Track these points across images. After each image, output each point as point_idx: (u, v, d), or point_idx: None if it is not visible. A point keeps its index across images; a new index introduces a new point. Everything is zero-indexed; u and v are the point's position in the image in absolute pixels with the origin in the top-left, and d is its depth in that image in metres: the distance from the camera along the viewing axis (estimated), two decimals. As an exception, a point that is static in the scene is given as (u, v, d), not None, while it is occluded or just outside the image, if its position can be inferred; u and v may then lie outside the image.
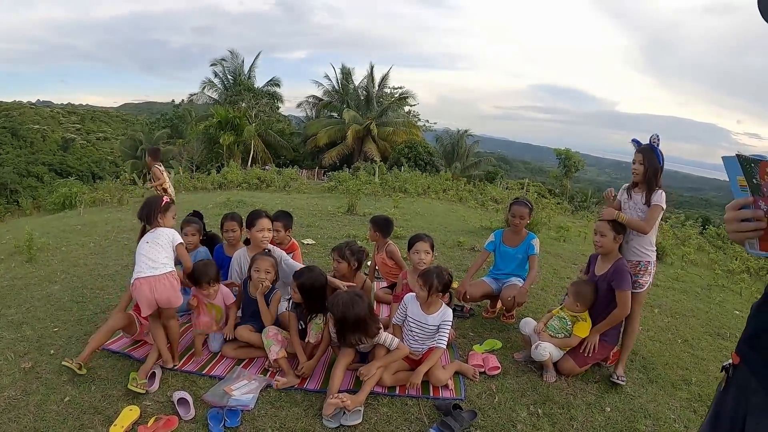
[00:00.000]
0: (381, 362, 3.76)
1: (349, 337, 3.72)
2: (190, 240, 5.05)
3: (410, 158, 34.65)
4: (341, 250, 4.91)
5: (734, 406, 1.78)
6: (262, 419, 3.44)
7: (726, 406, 1.82)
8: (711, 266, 11.11)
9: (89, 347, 3.83)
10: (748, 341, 1.74)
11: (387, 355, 3.83)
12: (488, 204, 17.44)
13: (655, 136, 4.17)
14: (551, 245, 10.29)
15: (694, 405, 4.13)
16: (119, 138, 53.39)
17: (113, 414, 3.36)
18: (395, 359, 3.89)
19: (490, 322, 5.37)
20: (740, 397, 1.75)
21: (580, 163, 40.51)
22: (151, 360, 3.82)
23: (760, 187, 1.50)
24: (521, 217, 5.26)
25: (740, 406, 1.74)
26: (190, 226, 5.12)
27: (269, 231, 4.70)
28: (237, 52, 44.46)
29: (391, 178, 22.06)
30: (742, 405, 1.73)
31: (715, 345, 5.56)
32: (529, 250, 5.28)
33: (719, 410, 1.87)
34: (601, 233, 4.26)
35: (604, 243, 4.25)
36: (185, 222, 5.19)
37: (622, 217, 4.20)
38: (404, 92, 44.71)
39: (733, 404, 1.78)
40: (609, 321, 4.28)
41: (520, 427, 3.56)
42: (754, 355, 1.70)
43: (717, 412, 1.88)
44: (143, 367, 3.74)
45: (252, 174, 21.70)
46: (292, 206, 11.96)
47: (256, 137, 37.84)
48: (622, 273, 4.20)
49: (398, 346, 3.88)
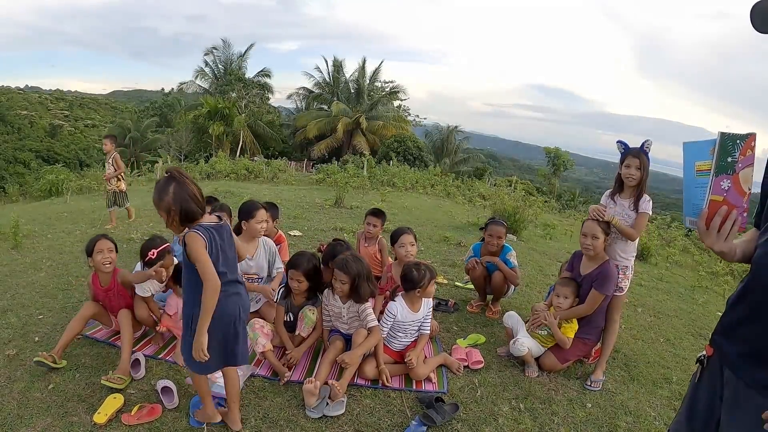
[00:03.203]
0: (360, 350, 3.80)
1: (363, 289, 3.94)
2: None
3: (399, 152, 34.65)
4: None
5: (708, 398, 1.84)
6: (245, 409, 3.45)
7: (700, 398, 1.89)
8: (695, 268, 11.20)
9: (63, 339, 3.81)
10: (723, 333, 1.80)
11: (363, 343, 3.85)
12: (476, 200, 17.48)
13: (649, 142, 4.07)
14: (537, 243, 10.35)
15: (675, 403, 4.15)
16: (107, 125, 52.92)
17: (97, 402, 3.36)
18: (371, 346, 3.92)
19: (474, 317, 5.41)
20: (713, 390, 1.82)
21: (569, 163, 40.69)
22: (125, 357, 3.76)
23: (734, 164, 1.61)
24: (498, 237, 5.28)
25: (714, 399, 1.80)
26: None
27: (266, 222, 4.70)
28: (229, 42, 44.30)
29: (379, 172, 22.09)
30: (716, 397, 1.79)
31: (697, 345, 5.61)
32: (507, 265, 5.30)
33: (694, 403, 1.93)
34: (593, 236, 4.16)
35: (596, 246, 4.17)
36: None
37: (616, 221, 4.14)
38: (395, 86, 44.66)
39: (707, 396, 1.84)
40: (573, 311, 4.33)
41: (502, 421, 3.58)
42: (729, 347, 1.75)
43: (692, 405, 1.94)
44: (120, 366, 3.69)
45: (240, 164, 21.66)
46: (280, 198, 11.97)
47: (245, 128, 37.68)
48: (609, 277, 4.19)
49: (372, 331, 3.92)
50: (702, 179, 1.67)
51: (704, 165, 1.65)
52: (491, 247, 5.32)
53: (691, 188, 1.73)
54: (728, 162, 1.61)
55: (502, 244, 5.33)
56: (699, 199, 1.70)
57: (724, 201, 1.66)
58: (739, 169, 1.62)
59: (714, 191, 1.65)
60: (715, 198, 1.66)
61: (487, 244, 5.34)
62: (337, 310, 4.12)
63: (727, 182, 1.64)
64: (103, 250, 3.96)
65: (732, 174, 1.63)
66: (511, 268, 5.25)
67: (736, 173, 1.63)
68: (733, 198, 1.65)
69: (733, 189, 1.65)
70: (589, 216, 4.28)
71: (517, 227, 10.43)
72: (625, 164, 4.12)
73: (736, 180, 1.64)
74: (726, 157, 1.60)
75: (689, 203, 1.77)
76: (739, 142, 1.59)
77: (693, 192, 1.73)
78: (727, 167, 1.61)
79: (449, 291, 6.22)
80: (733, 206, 1.65)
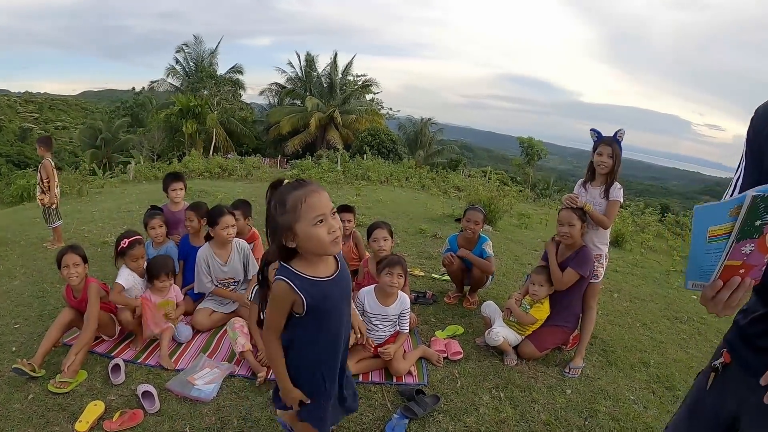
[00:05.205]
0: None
1: None
2: (158, 232, 5.11)
3: (373, 146, 34.62)
4: None
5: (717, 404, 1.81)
6: (226, 409, 3.41)
7: (707, 404, 1.85)
8: (669, 252, 11.36)
9: (42, 348, 3.73)
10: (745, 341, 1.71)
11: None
12: (451, 192, 17.54)
13: (621, 131, 4.12)
14: (512, 232, 10.41)
15: (653, 386, 4.21)
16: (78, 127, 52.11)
17: (78, 410, 3.29)
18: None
19: (452, 308, 5.41)
20: (723, 397, 1.78)
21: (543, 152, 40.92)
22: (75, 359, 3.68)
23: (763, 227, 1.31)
24: (476, 223, 5.26)
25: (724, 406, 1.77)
26: (155, 219, 5.14)
27: (233, 227, 4.65)
28: (201, 38, 43.99)
29: (353, 166, 22.07)
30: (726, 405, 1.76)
31: (674, 328, 5.68)
32: (483, 255, 5.30)
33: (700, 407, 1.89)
34: (569, 223, 4.19)
35: (573, 233, 4.20)
36: (149, 216, 5.19)
37: (589, 207, 4.18)
38: (367, 80, 44.71)
39: (716, 402, 1.81)
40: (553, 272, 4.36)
41: (483, 411, 3.59)
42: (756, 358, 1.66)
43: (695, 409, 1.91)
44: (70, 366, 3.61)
45: (214, 163, 21.52)
46: (254, 195, 11.86)
47: (218, 125, 37.39)
48: (586, 259, 4.24)
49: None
50: (715, 245, 1.38)
51: (720, 230, 1.35)
52: (469, 233, 5.29)
53: (701, 255, 1.44)
54: (756, 226, 1.31)
55: (479, 231, 5.32)
56: (709, 264, 1.41)
57: (743, 265, 1.37)
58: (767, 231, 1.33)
59: (732, 257, 1.36)
60: (732, 263, 1.37)
61: (465, 229, 5.30)
62: None
63: (750, 246, 1.34)
64: (69, 265, 3.90)
65: (758, 237, 1.33)
66: (486, 258, 5.26)
67: (764, 235, 1.33)
68: (754, 259, 1.37)
69: (757, 251, 1.35)
70: (563, 205, 4.31)
71: (492, 217, 10.47)
72: (598, 152, 4.16)
73: (762, 242, 1.34)
74: (755, 220, 1.30)
75: (695, 266, 1.47)
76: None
77: (702, 258, 1.43)
78: (753, 231, 1.32)
79: (426, 283, 6.21)
80: (752, 266, 1.38)
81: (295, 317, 2.18)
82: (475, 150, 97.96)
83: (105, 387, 3.59)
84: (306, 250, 2.10)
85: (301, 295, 2.09)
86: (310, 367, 2.31)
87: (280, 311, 2.17)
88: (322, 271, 2.17)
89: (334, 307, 2.24)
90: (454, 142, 50.72)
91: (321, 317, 2.19)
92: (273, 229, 2.11)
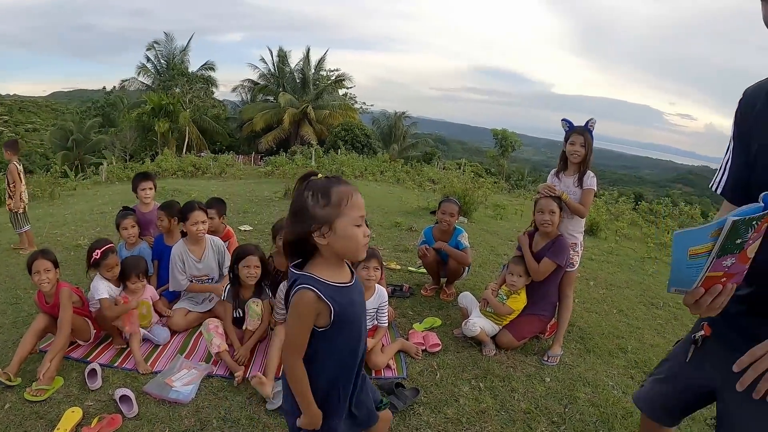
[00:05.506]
0: None
1: None
2: (131, 233, 5.03)
3: (347, 141, 34.51)
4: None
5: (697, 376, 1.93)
6: (205, 410, 3.36)
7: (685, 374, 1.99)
8: (644, 240, 11.48)
9: (17, 356, 3.63)
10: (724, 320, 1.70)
11: None
12: (425, 185, 17.54)
13: (593, 120, 4.16)
14: (488, 223, 10.43)
15: (631, 371, 4.24)
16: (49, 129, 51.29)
17: (56, 418, 3.20)
18: None
19: (429, 301, 5.39)
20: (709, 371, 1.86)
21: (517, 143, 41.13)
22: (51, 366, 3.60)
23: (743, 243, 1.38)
24: (451, 215, 5.24)
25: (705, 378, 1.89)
26: (127, 219, 5.07)
27: (204, 223, 4.57)
28: (172, 36, 43.49)
29: (327, 161, 22.01)
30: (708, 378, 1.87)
31: (650, 314, 5.75)
32: (459, 246, 5.28)
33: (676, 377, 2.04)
34: (550, 211, 4.20)
35: (554, 221, 4.21)
36: (121, 217, 5.11)
37: (566, 196, 4.21)
38: (341, 75, 44.40)
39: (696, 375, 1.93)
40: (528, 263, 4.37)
41: (463, 402, 3.58)
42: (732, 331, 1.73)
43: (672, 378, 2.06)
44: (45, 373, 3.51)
45: (187, 161, 21.27)
46: (228, 193, 11.80)
47: (190, 123, 36.97)
48: (562, 248, 4.26)
49: None
50: (696, 261, 1.42)
51: (701, 249, 1.39)
52: (444, 225, 5.27)
53: (683, 269, 1.47)
54: (736, 243, 1.38)
55: (454, 223, 5.31)
56: (691, 277, 1.46)
57: (725, 275, 1.46)
58: (748, 245, 1.41)
59: (713, 270, 1.42)
60: (714, 274, 1.44)
61: (440, 222, 5.29)
62: None
63: (730, 260, 1.42)
64: (39, 271, 3.78)
65: (738, 252, 1.41)
66: (462, 249, 5.24)
67: (744, 249, 1.42)
68: (735, 269, 1.45)
69: (738, 263, 1.44)
70: (540, 194, 4.32)
71: (467, 209, 10.47)
72: (570, 141, 4.20)
73: (743, 255, 1.43)
74: (735, 239, 1.36)
75: (677, 277, 1.51)
76: (755, 223, 1.36)
77: (684, 272, 1.47)
78: (734, 248, 1.39)
79: (403, 276, 6.18)
80: (733, 274, 1.47)
81: (317, 331, 1.95)
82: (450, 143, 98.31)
83: (82, 393, 3.51)
84: (334, 251, 1.91)
85: (329, 304, 1.89)
86: (328, 384, 2.06)
87: (305, 326, 1.93)
88: (342, 277, 1.99)
89: (357, 316, 2.06)
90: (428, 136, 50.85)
91: (345, 327, 1.98)
92: (304, 221, 1.87)
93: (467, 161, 25.53)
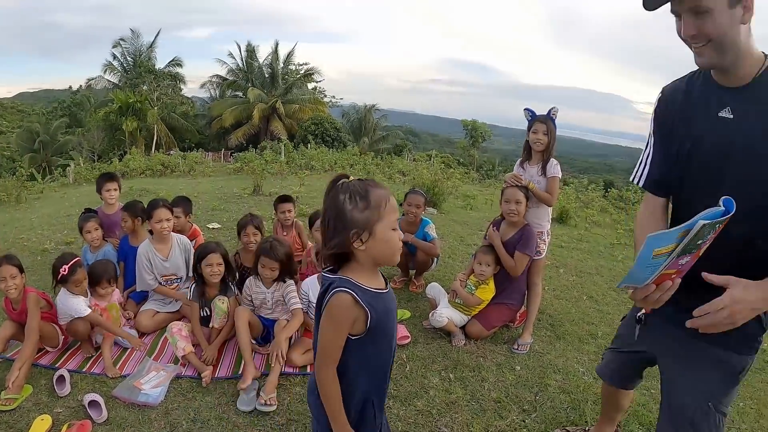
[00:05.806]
0: (285, 333, 3.73)
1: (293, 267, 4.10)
2: (94, 236, 4.88)
3: (317, 135, 34.41)
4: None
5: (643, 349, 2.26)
6: (175, 412, 3.29)
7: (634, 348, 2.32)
8: (614, 226, 11.57)
9: None
10: None
11: (288, 326, 3.81)
12: (396, 177, 17.54)
13: (555, 109, 4.18)
14: (458, 214, 10.45)
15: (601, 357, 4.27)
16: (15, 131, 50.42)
17: (25, 426, 3.11)
18: (295, 328, 3.87)
19: (397, 293, 5.33)
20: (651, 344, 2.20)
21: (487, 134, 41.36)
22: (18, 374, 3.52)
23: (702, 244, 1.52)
24: (417, 206, 5.23)
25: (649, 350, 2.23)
26: (90, 222, 4.91)
27: (168, 221, 4.50)
28: (139, 32, 42.81)
29: (297, 156, 21.90)
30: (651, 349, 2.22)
31: (620, 299, 5.78)
32: (426, 238, 5.27)
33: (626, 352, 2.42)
34: (516, 201, 4.19)
35: (520, 210, 4.21)
36: (83, 220, 4.95)
37: (533, 186, 4.21)
38: (309, 68, 44.32)
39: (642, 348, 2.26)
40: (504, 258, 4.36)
41: (433, 393, 3.57)
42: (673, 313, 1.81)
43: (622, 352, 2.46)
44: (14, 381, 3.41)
45: (155, 160, 21.01)
46: (197, 191, 11.65)
47: (159, 121, 36.61)
48: (530, 238, 4.26)
49: (295, 314, 3.90)
50: (657, 260, 1.50)
51: (665, 249, 1.47)
52: (411, 216, 5.26)
53: (642, 267, 1.54)
54: (697, 244, 1.49)
55: (420, 214, 5.29)
56: (646, 275, 1.57)
57: (677, 272, 1.60)
58: (704, 246, 1.54)
59: (669, 267, 1.54)
60: (668, 272, 1.57)
61: (407, 214, 5.27)
62: (262, 296, 4.04)
63: (686, 259, 1.54)
64: (5, 277, 3.63)
65: (695, 251, 1.54)
66: (430, 241, 5.23)
67: (700, 249, 1.54)
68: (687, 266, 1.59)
69: (691, 260, 1.57)
70: (507, 184, 4.32)
71: (436, 200, 10.49)
72: (533, 130, 4.21)
73: (697, 254, 1.56)
74: (698, 240, 1.47)
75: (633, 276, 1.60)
76: (718, 225, 1.47)
77: (642, 271, 1.56)
78: (693, 248, 1.50)
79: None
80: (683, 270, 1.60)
81: (350, 339, 1.83)
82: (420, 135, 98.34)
83: (51, 400, 3.41)
84: (371, 256, 1.81)
85: (366, 310, 1.77)
86: (361, 397, 1.93)
87: (341, 332, 1.81)
88: (378, 283, 1.88)
89: (392, 325, 1.96)
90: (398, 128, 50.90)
91: (379, 336, 1.87)
92: (343, 225, 1.76)
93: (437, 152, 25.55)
